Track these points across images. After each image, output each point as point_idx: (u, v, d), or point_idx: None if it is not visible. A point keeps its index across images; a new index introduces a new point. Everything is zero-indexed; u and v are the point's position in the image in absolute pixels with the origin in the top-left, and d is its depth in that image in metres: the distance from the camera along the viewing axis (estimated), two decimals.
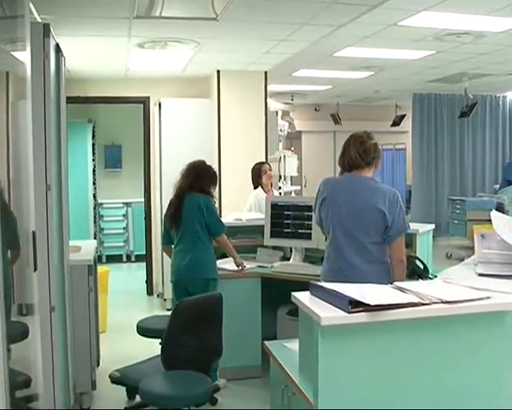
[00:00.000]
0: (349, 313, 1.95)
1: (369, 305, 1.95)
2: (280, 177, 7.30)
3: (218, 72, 6.68)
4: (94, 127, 9.42)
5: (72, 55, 5.50)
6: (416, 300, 2.04)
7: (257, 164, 5.83)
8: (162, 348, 3.20)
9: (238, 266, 4.30)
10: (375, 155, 3.13)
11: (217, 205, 4.93)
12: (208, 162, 4.31)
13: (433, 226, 4.43)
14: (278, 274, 4.30)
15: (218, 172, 4.29)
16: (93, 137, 9.37)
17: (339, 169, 3.30)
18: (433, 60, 6.80)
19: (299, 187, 10.44)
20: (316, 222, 3.38)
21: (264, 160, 6.58)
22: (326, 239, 3.25)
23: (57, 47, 3.22)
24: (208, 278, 4.01)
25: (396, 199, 3.04)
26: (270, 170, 5.79)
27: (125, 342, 5.35)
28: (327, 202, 3.16)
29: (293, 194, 7.91)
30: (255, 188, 5.71)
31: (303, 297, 2.16)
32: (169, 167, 6.56)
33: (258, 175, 5.65)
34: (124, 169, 9.87)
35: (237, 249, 4.38)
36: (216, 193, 4.27)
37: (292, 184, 8.22)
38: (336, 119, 11.18)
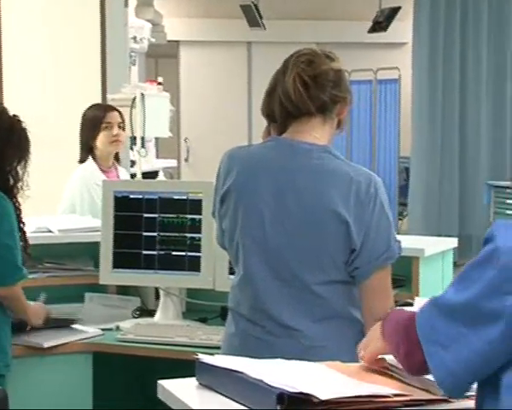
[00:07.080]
0: None
1: (317, 400, 2.05)
2: (133, 140, 7.34)
3: None
4: None
5: None
6: (387, 390, 2.19)
7: (92, 108, 5.97)
8: None
9: (34, 326, 4.37)
10: (340, 93, 3.20)
11: None
12: None
13: (454, 243, 4.62)
14: (130, 346, 4.35)
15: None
16: None
17: (261, 125, 3.40)
18: None
19: (174, 162, 10.45)
20: (216, 238, 3.46)
21: (100, 102, 6.76)
22: (235, 273, 3.33)
23: None
24: None
25: (373, 193, 3.12)
26: (122, 126, 5.94)
27: None
28: (234, 198, 3.23)
29: (161, 176, 7.98)
30: (82, 161, 5.84)
31: (180, 390, 2.26)
32: None
33: (93, 132, 5.78)
34: None
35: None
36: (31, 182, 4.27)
37: (159, 157, 8.26)
38: (254, 15, 11.33)
